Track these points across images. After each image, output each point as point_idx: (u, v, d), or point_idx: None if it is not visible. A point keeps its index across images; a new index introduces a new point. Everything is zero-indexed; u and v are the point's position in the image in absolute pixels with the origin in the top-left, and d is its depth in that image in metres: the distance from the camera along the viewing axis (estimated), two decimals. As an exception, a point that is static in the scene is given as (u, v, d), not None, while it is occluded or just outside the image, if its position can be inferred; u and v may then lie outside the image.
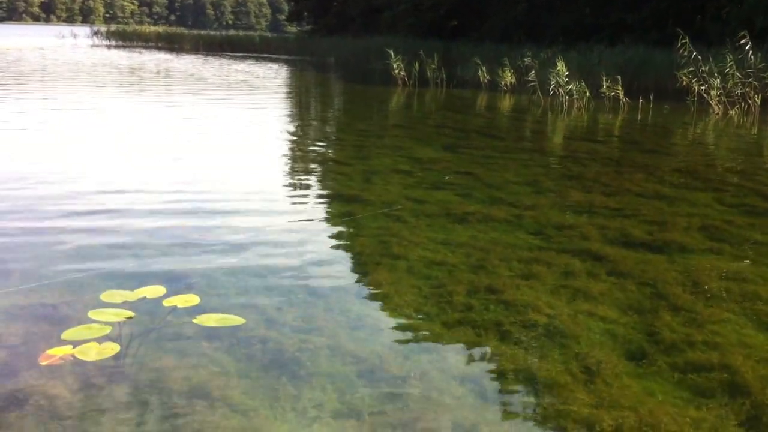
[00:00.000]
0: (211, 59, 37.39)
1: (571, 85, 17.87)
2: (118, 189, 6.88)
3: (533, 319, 4.09)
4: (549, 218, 6.29)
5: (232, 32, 67.64)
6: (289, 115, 15.05)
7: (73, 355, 3.38)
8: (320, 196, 7.08)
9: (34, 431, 2.81)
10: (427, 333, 3.89)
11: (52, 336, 3.61)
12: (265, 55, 45.48)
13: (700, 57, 17.07)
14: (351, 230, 5.86)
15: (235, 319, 3.87)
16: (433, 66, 23.18)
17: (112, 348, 3.46)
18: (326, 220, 6.22)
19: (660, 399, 3.27)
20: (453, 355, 3.65)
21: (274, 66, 33.90)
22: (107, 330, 3.65)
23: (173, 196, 6.71)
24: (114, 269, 4.62)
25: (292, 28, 75.25)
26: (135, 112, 13.69)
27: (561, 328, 3.98)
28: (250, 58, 40.84)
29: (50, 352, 3.39)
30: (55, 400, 3.03)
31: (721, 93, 16.71)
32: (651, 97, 17.75)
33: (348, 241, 5.55)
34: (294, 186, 7.61)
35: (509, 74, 21.51)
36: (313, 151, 10.04)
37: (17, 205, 6.13)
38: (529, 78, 19.18)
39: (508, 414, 3.12)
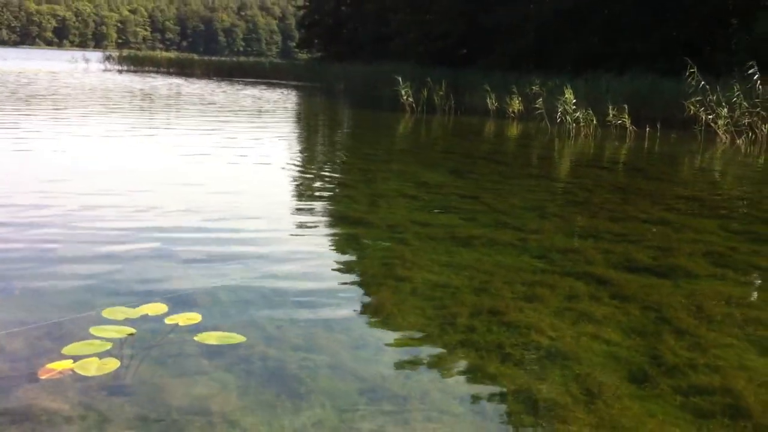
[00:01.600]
0: (222, 84, 37.67)
1: (578, 113, 17.94)
2: (124, 208, 6.90)
3: (535, 340, 4.08)
4: (554, 242, 6.29)
5: (243, 59, 68.22)
6: (296, 139, 15.13)
7: (73, 370, 3.38)
8: (325, 219, 7.09)
9: (32, 444, 2.81)
10: (429, 354, 3.88)
11: (53, 351, 3.61)
12: (275, 81, 45.80)
13: (707, 86, 17.13)
14: (355, 252, 5.87)
15: (236, 337, 3.87)
16: (441, 93, 23.31)
17: (113, 363, 3.46)
18: (330, 241, 6.23)
19: (661, 420, 3.25)
20: (454, 375, 3.64)
21: (284, 92, 34.13)
22: (108, 346, 3.66)
23: (179, 216, 6.74)
24: (117, 286, 4.64)
25: (303, 55, 75.76)
26: (145, 135, 13.78)
27: (563, 350, 3.97)
28: (260, 84, 41.13)
29: (50, 366, 3.40)
30: (54, 414, 3.03)
31: (728, 122, 16.75)
32: (658, 126, 17.80)
33: (352, 263, 5.56)
34: (299, 207, 7.63)
35: (517, 102, 21.62)
36: (319, 174, 10.08)
37: (23, 221, 6.16)
38: (537, 105, 19.27)
39: (507, 434, 3.11)
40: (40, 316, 4.08)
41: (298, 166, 10.80)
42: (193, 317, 4.10)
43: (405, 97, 23.18)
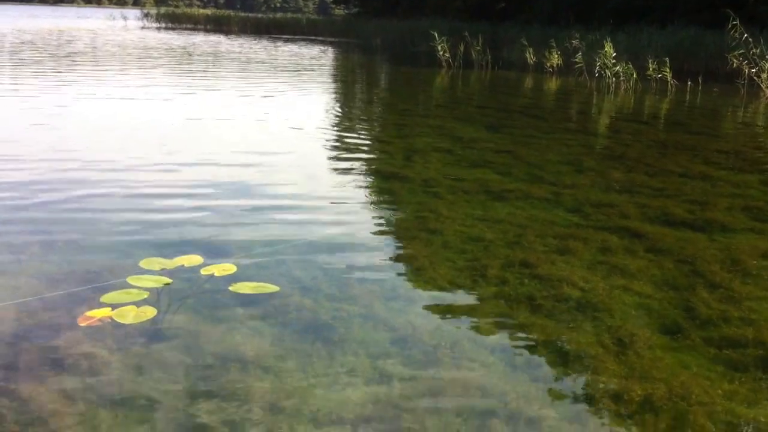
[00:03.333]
0: (259, 41, 37.64)
1: (618, 67, 17.63)
2: (160, 164, 7.00)
3: (567, 293, 4.08)
4: (588, 197, 6.25)
5: (280, 15, 67.92)
6: (332, 96, 15.12)
7: (111, 318, 3.47)
8: (360, 173, 7.10)
9: (73, 388, 2.90)
10: (459, 305, 3.92)
11: (92, 299, 3.71)
12: (312, 37, 45.65)
13: (751, 39, 16.70)
14: (389, 205, 5.89)
15: (271, 287, 3.94)
16: (478, 48, 23.04)
17: (150, 312, 3.54)
18: (365, 196, 6.25)
19: (693, 372, 3.25)
20: (484, 326, 3.67)
21: (321, 48, 34.02)
22: (145, 295, 3.74)
23: (216, 170, 6.81)
24: (154, 238, 4.73)
25: (340, 11, 75.20)
26: (185, 92, 13.85)
27: (594, 302, 3.97)
28: (297, 40, 41.03)
29: (90, 314, 3.49)
30: (93, 359, 3.12)
31: (772, 76, 16.35)
32: (700, 80, 17.44)
33: (385, 216, 5.59)
34: (334, 163, 7.65)
35: (556, 56, 21.31)
36: (355, 129, 10.08)
37: (65, 177, 6.28)
38: (576, 60, 18.97)
39: (536, 383, 3.13)
40: (80, 266, 4.19)
41: (333, 122, 10.81)
42: (228, 268, 4.17)
43: (441, 53, 22.95)
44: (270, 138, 8.78)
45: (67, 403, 2.80)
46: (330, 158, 7.87)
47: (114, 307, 3.57)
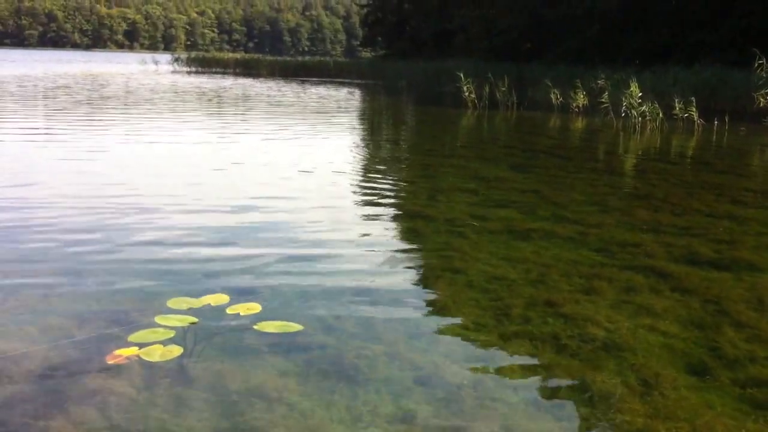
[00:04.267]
0: (288, 84, 38.15)
1: (644, 107, 17.64)
2: (191, 205, 7.10)
3: (591, 332, 4.08)
4: (614, 236, 6.24)
5: (308, 58, 68.87)
6: (359, 137, 15.26)
7: (138, 356, 3.52)
8: (385, 213, 7.15)
9: (99, 426, 2.95)
10: (483, 344, 3.92)
11: (120, 338, 3.77)
12: (339, 79, 46.17)
13: (778, 77, 16.67)
14: (413, 245, 5.93)
15: (295, 326, 3.98)
16: (504, 89, 23.17)
17: (176, 350, 3.59)
18: (389, 235, 6.30)
19: (717, 411, 3.23)
20: (508, 365, 3.67)
21: (348, 90, 34.39)
22: (172, 334, 3.80)
23: (242, 211, 6.90)
24: (181, 278, 4.80)
25: (367, 54, 76.11)
26: (215, 134, 14.07)
27: (619, 342, 3.96)
28: (325, 82, 41.53)
29: (118, 352, 3.55)
30: (120, 396, 3.17)
31: (800, 114, 16.28)
32: (726, 119, 17.37)
33: (410, 255, 5.62)
34: (360, 202, 7.71)
35: (581, 96, 21.37)
36: (381, 170, 10.17)
37: (95, 219, 6.39)
38: (602, 100, 19.01)
39: (560, 422, 3.13)
40: (108, 306, 4.26)
41: (360, 162, 10.91)
42: (253, 307, 4.22)
43: (467, 93, 23.11)
44: (296, 180, 8.87)
45: (95, 440, 2.84)
46: (355, 199, 7.93)
47: (141, 346, 3.63)
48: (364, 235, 6.21)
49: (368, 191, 8.40)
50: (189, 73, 51.41)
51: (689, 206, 7.61)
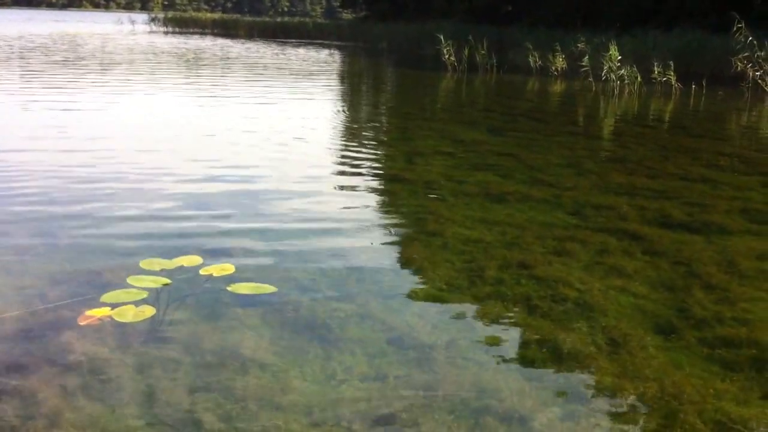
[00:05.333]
0: (266, 45, 37.76)
1: (622, 70, 17.66)
2: (166, 168, 7.06)
3: (563, 293, 4.12)
4: (588, 199, 6.29)
5: (287, 19, 68.09)
6: (338, 99, 15.19)
7: (110, 317, 3.52)
8: (361, 175, 7.14)
9: (72, 385, 2.95)
10: (456, 304, 3.96)
11: (92, 298, 3.76)
12: (319, 41, 45.74)
13: (756, 42, 16.71)
14: (389, 207, 5.94)
15: (268, 288, 3.99)
16: (483, 51, 23.08)
17: (149, 311, 3.60)
18: (365, 197, 6.30)
19: (685, 371, 3.28)
20: (481, 325, 3.71)
21: (327, 51, 34.11)
22: (144, 295, 3.79)
23: (216, 171, 6.88)
24: (154, 239, 4.79)
25: (347, 15, 75.36)
26: (193, 95, 13.94)
27: (590, 302, 4.01)
28: (304, 44, 41.12)
29: (90, 312, 3.55)
30: (92, 357, 3.18)
31: (777, 79, 16.36)
32: (704, 83, 17.43)
33: (385, 217, 5.63)
34: (336, 164, 7.70)
35: (560, 59, 21.34)
36: (358, 132, 10.14)
37: (69, 177, 6.34)
38: (582, 63, 19.01)
39: (530, 381, 3.17)
40: (81, 266, 4.25)
41: (338, 125, 10.87)
42: (227, 268, 4.23)
43: (447, 56, 23.01)
44: (272, 143, 8.81)
45: (67, 398, 2.85)
46: (332, 162, 7.92)
47: (113, 306, 3.63)
48: (340, 197, 6.21)
49: (345, 154, 8.39)
50: (166, 33, 50.70)
51: (664, 170, 7.66)
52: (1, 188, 5.98)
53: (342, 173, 7.22)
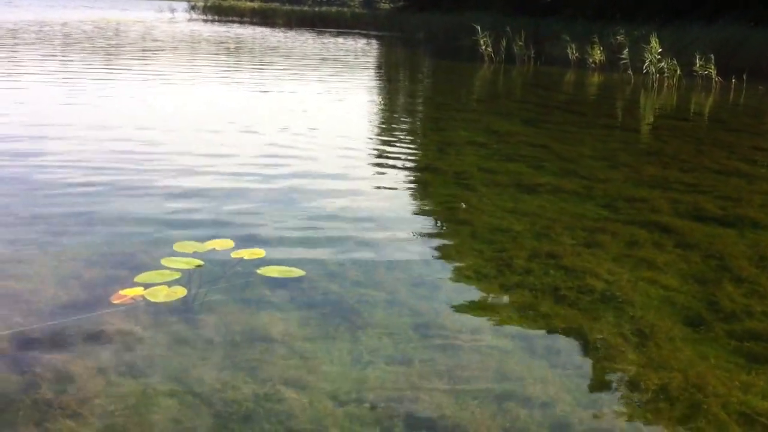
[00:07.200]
0: (304, 34, 37.89)
1: (662, 63, 17.44)
2: (203, 154, 7.15)
3: (591, 284, 4.12)
4: (620, 191, 6.26)
5: (325, 8, 68.16)
6: (373, 88, 15.22)
7: (143, 296, 3.61)
8: (394, 164, 7.16)
9: (105, 362, 3.03)
10: (483, 292, 3.98)
11: (126, 279, 3.85)
12: (356, 30, 45.75)
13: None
14: (420, 196, 5.97)
15: (298, 272, 4.04)
16: (521, 43, 22.93)
17: (180, 292, 3.67)
18: (397, 186, 6.32)
19: (711, 363, 3.28)
20: (507, 314, 3.73)
21: (364, 41, 34.13)
22: (177, 276, 3.87)
23: (251, 158, 6.97)
24: (188, 223, 4.87)
25: (385, 5, 75.19)
26: (234, 82, 14.07)
27: (618, 294, 4.01)
28: (342, 33, 41.17)
29: (123, 292, 3.63)
30: (125, 335, 3.26)
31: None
32: (745, 77, 17.15)
33: (416, 206, 5.67)
34: (368, 153, 7.74)
35: (598, 52, 21.13)
36: (393, 122, 10.16)
37: (106, 161, 6.46)
38: (621, 56, 18.81)
39: (554, 368, 3.19)
40: (115, 247, 4.34)
41: (373, 114, 10.91)
42: (257, 252, 4.29)
43: (484, 47, 22.90)
44: (307, 129, 8.88)
45: (99, 374, 2.93)
46: (365, 150, 7.95)
47: (146, 286, 3.71)
48: (372, 186, 6.25)
49: (379, 143, 8.42)
50: (206, 21, 51.05)
51: (699, 163, 7.59)
52: (41, 172, 6.11)
53: (375, 163, 7.25)
